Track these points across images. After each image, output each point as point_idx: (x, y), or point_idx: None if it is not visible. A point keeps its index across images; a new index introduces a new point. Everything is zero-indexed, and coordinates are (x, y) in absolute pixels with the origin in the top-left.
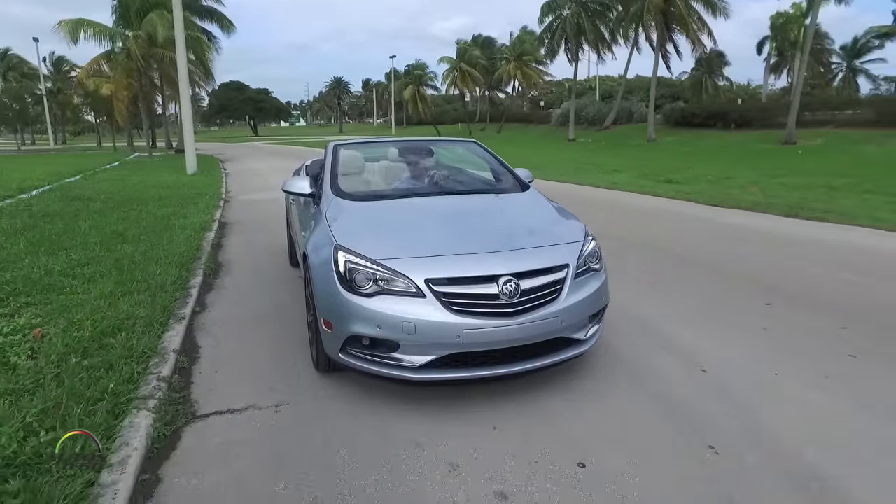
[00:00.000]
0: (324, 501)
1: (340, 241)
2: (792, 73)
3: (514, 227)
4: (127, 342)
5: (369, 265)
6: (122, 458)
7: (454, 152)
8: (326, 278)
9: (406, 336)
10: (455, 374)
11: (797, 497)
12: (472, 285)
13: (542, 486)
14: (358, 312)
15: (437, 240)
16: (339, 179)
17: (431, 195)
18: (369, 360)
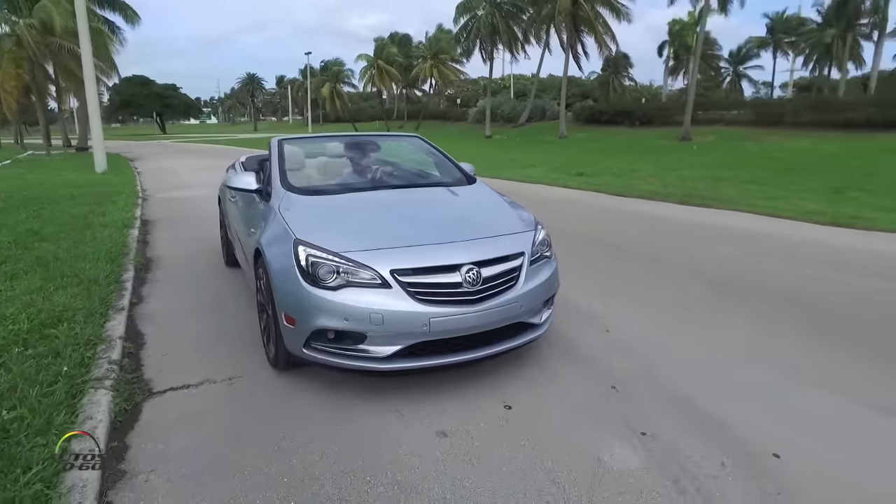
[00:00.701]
0: (286, 450)
1: (299, 235)
2: (688, 75)
3: (470, 218)
4: (70, 331)
5: (332, 258)
6: (90, 429)
7: (399, 147)
8: (287, 273)
9: (374, 327)
10: (423, 363)
11: (676, 414)
12: (435, 275)
13: (476, 425)
14: (323, 306)
15: (397, 232)
16: (287, 175)
17: (383, 189)
18: (335, 354)
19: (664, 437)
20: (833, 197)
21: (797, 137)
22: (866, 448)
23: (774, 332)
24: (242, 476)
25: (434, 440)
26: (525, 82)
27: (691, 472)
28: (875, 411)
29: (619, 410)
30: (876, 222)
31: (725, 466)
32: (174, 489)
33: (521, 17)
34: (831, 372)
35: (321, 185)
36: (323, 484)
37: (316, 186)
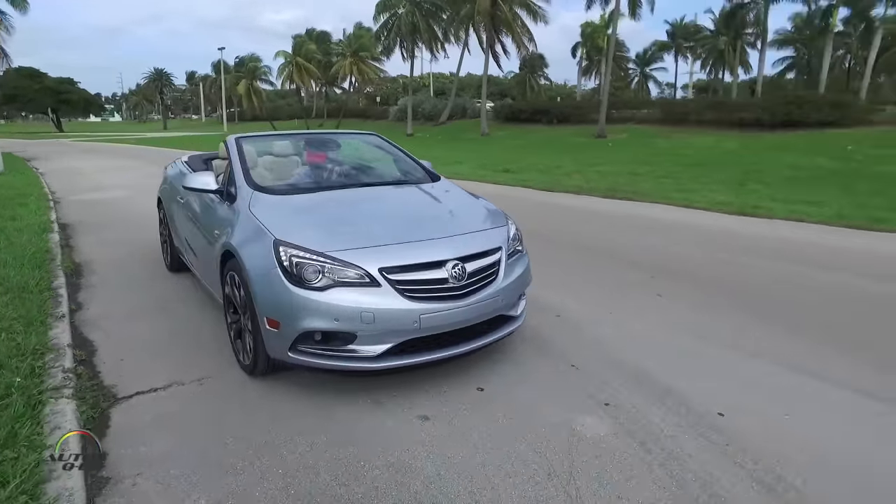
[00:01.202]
0: (274, 444)
1: (279, 235)
2: (599, 75)
3: (446, 215)
4: (10, 341)
5: (316, 258)
6: (63, 443)
7: (358, 145)
8: (268, 276)
9: (364, 326)
10: (413, 360)
11: (631, 385)
12: (422, 271)
13: (453, 408)
14: (311, 307)
15: (378, 230)
16: (251, 174)
17: (352, 187)
18: (323, 356)
19: (625, 406)
20: (738, 189)
21: (701, 135)
22: (795, 404)
23: (709, 311)
24: (235, 471)
25: (417, 424)
26: (444, 81)
27: (654, 434)
28: (800, 374)
29: (581, 385)
30: (775, 211)
31: (681, 426)
32: (166, 491)
33: (440, 17)
34: (763, 343)
35: (288, 183)
36: (318, 472)
37: (282, 185)
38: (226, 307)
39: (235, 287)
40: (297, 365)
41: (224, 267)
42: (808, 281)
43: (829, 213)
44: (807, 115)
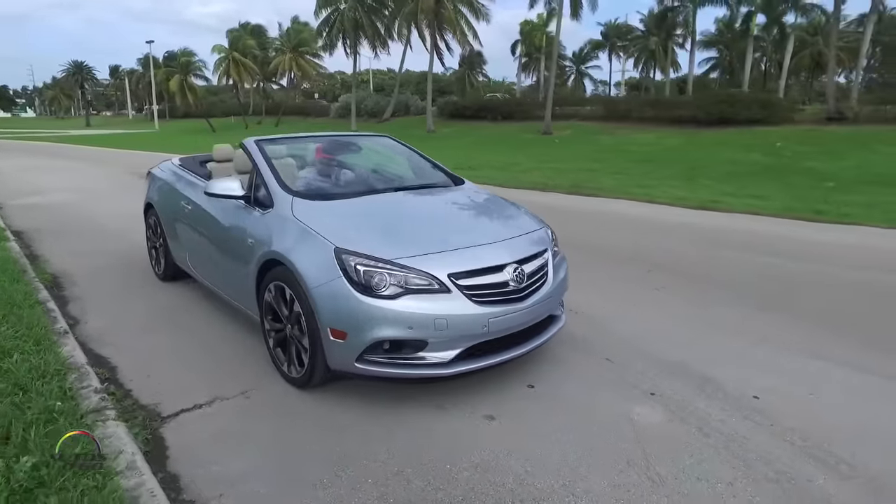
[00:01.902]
0: (352, 455)
1: (339, 244)
2: (537, 72)
3: (490, 219)
4: (25, 362)
5: (384, 266)
6: (129, 463)
7: (378, 147)
8: (331, 286)
9: (437, 333)
10: (481, 363)
11: (668, 374)
12: (486, 275)
13: (514, 405)
14: (384, 316)
15: (435, 235)
16: (284, 179)
17: (386, 191)
18: (392, 364)
19: (668, 394)
20: (690, 184)
21: (642, 132)
22: (814, 384)
23: (708, 302)
24: (323, 485)
25: (485, 424)
26: (383, 77)
27: (705, 419)
28: (809, 357)
29: (622, 378)
30: (733, 206)
31: (725, 410)
32: None
33: (383, 13)
34: (766, 330)
35: (323, 188)
36: (409, 479)
37: (319, 190)
38: (263, 317)
39: (281, 297)
40: (363, 375)
41: (263, 276)
42: (792, 272)
43: (778, 206)
44: (738, 113)
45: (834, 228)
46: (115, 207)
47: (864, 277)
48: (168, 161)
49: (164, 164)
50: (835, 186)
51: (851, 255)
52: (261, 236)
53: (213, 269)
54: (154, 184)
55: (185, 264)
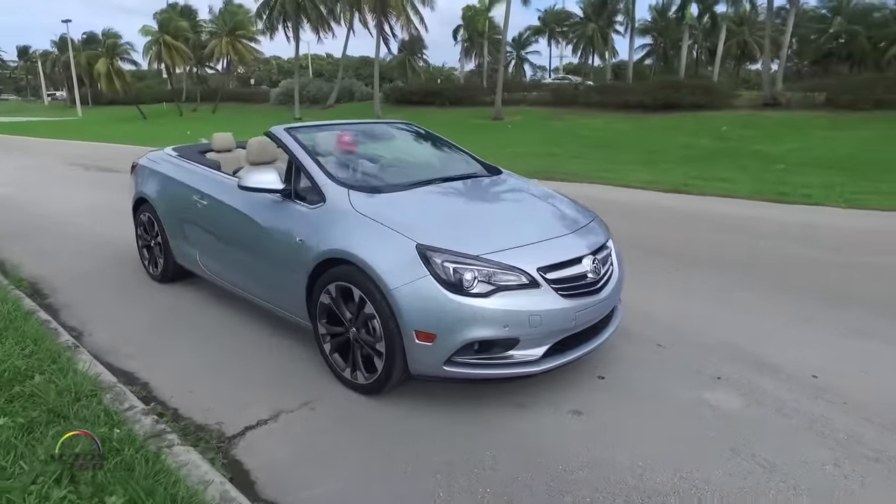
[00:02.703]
0: (455, 462)
1: (420, 240)
2: (479, 57)
3: (550, 210)
4: (50, 383)
5: (472, 262)
6: (222, 494)
7: (405, 135)
8: (416, 285)
9: (531, 330)
10: (568, 358)
11: (722, 357)
12: (568, 268)
13: (592, 398)
14: (478, 315)
15: (508, 228)
16: (332, 170)
17: (436, 182)
18: (483, 365)
19: (734, 377)
20: (652, 168)
21: (591, 117)
22: (862, 361)
23: (729, 286)
24: (441, 499)
25: (574, 420)
26: (322, 63)
27: (779, 401)
28: (856, 336)
29: (683, 364)
30: (703, 189)
31: (793, 391)
32: None
33: None
34: (795, 310)
35: (376, 180)
36: (529, 484)
37: (372, 182)
38: (317, 320)
39: (343, 298)
40: (450, 378)
41: (317, 276)
42: (792, 254)
43: (746, 189)
44: (682, 98)
45: (804, 210)
46: (66, 202)
47: (866, 260)
48: (159, 151)
49: (154, 155)
50: (785, 169)
51: (835, 237)
52: (313, 233)
53: (237, 270)
54: (146, 177)
55: (195, 264)
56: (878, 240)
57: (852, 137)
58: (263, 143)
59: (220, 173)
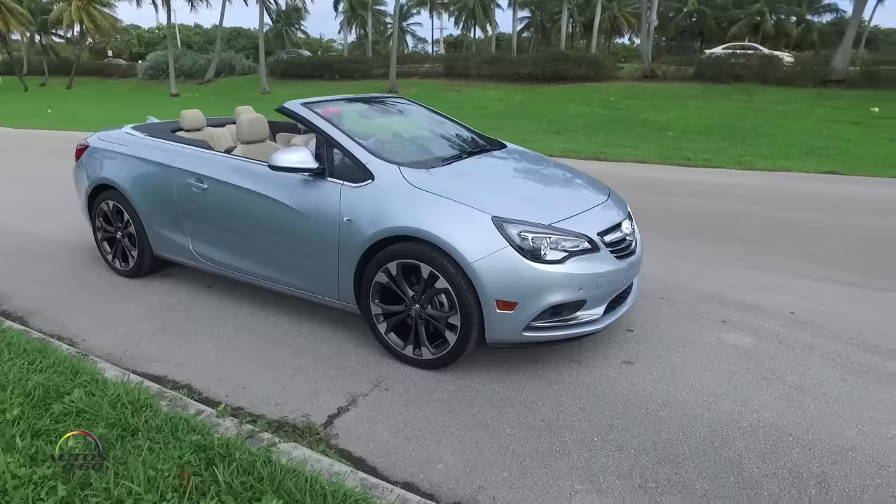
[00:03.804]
0: (554, 424)
1: (494, 212)
2: (362, 29)
3: (580, 181)
4: (90, 396)
5: (545, 231)
6: (362, 482)
7: (411, 109)
8: (497, 257)
9: (597, 291)
10: (618, 315)
11: (717, 305)
12: (614, 233)
13: (634, 350)
14: (556, 281)
15: (556, 197)
16: (369, 145)
17: (467, 156)
18: (556, 328)
19: (734, 320)
20: (561, 136)
21: (485, 88)
22: (819, 298)
23: (691, 242)
24: (560, 451)
25: (629, 369)
26: (188, 33)
27: (778, 335)
28: (802, 278)
29: (689, 312)
30: (618, 156)
31: (784, 325)
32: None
33: None
34: (748, 259)
35: (409, 155)
36: (625, 428)
37: (411, 157)
38: (369, 301)
39: (405, 275)
40: (525, 344)
41: (371, 255)
42: (719, 210)
43: (653, 154)
44: (570, 70)
45: (711, 172)
46: None
47: (786, 214)
48: (115, 131)
49: (111, 135)
50: (676, 136)
51: (752, 194)
52: (366, 212)
53: (250, 256)
54: (105, 160)
55: (186, 254)
56: (786, 197)
57: (719, 107)
58: (255, 121)
59: (222, 154)
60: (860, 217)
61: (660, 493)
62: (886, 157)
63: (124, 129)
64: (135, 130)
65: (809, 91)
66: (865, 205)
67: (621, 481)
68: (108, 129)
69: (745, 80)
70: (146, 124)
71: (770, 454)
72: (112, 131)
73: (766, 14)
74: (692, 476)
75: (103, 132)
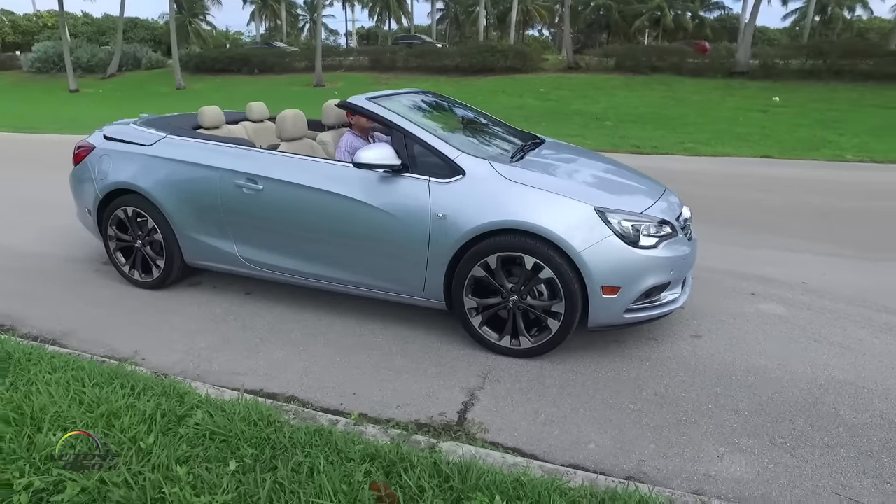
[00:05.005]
0: (662, 397)
1: (594, 202)
2: (272, 21)
3: (634, 171)
4: (212, 418)
5: (639, 219)
6: (542, 468)
7: (446, 104)
8: (603, 245)
9: (679, 274)
10: (687, 294)
11: (738, 278)
12: (680, 219)
13: (697, 325)
14: (653, 265)
15: (634, 188)
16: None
17: (530, 148)
18: (648, 308)
19: (760, 292)
20: None
21: (414, 81)
22: (819, 269)
23: None
24: (687, 421)
25: (700, 342)
26: (76, 22)
27: (803, 304)
28: (800, 252)
29: (719, 287)
30: None
31: (804, 295)
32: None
33: None
34: (752, 240)
35: (474, 149)
36: (727, 394)
37: (492, 151)
38: (464, 294)
39: (504, 268)
40: (624, 325)
41: (464, 252)
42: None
43: (599, 143)
44: (497, 61)
45: (662, 159)
46: None
47: (753, 196)
48: (128, 128)
49: (125, 132)
50: (613, 125)
51: (704, 179)
52: (462, 207)
53: (314, 258)
54: (121, 162)
55: (229, 260)
56: (740, 180)
57: (644, 97)
58: (297, 118)
59: (278, 153)
60: (811, 196)
61: (791, 448)
62: (803, 141)
63: (137, 126)
64: (150, 128)
65: (719, 82)
66: (809, 185)
67: (754, 440)
68: (115, 125)
69: (662, 71)
70: (158, 118)
71: (858, 405)
72: (123, 128)
73: (665, 9)
74: (808, 430)
75: (110, 129)
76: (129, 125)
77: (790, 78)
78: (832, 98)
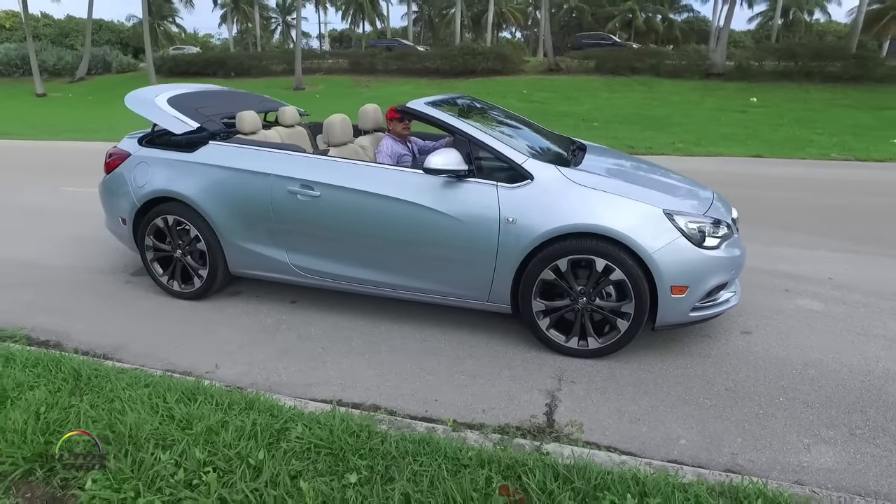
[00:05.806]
0: (735, 390)
1: (662, 206)
2: (243, 23)
3: (672, 175)
4: (312, 432)
5: (703, 220)
6: (648, 465)
7: (489, 109)
8: (673, 246)
9: (736, 273)
10: (739, 293)
11: (770, 276)
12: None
13: (743, 320)
14: (717, 264)
15: (688, 191)
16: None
17: (580, 153)
18: (708, 307)
19: (793, 288)
20: None
21: (395, 83)
22: (841, 265)
23: None
24: (762, 414)
25: (750, 337)
26: (37, 24)
27: (836, 299)
28: (814, 249)
29: (752, 284)
30: None
31: (835, 290)
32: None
33: None
34: (767, 236)
35: (547, 153)
36: (790, 386)
37: (549, 156)
38: (531, 298)
39: (573, 271)
40: (689, 323)
41: (532, 256)
42: None
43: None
44: (479, 64)
45: (658, 159)
46: None
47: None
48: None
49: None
50: (601, 126)
51: (706, 179)
52: (531, 212)
53: (374, 264)
54: (162, 169)
55: (280, 268)
56: (740, 179)
57: (626, 98)
58: (344, 123)
59: (334, 158)
60: (810, 194)
61: (871, 437)
62: (789, 140)
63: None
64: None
65: (696, 83)
66: (806, 183)
67: (834, 431)
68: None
69: (641, 72)
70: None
71: None
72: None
73: (636, 12)
74: (881, 419)
75: (143, 135)
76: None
77: (764, 79)
78: (806, 98)
